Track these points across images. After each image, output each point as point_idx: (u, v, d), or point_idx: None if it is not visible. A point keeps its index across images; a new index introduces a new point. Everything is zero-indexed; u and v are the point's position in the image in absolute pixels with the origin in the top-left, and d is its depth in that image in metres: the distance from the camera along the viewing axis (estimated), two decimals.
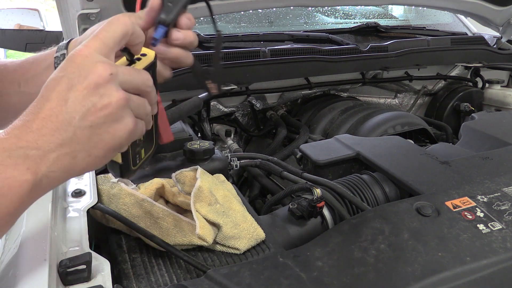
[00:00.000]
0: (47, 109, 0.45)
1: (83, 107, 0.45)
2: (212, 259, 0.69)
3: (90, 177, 0.78)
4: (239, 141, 1.71)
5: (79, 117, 0.45)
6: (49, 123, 0.45)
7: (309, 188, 0.85)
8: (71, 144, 0.46)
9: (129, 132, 0.49)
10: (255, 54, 1.56)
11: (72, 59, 0.47)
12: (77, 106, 0.45)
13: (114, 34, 0.49)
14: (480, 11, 1.74)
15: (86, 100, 0.46)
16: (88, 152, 0.47)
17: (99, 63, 0.47)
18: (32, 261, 0.53)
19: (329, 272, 0.62)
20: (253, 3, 1.42)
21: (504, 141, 1.12)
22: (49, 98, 0.46)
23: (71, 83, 0.46)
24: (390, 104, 1.93)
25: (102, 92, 0.46)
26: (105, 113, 0.46)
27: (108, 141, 0.48)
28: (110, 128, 0.47)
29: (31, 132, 0.44)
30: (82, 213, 0.68)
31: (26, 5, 9.17)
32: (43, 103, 0.46)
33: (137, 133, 0.51)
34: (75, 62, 0.46)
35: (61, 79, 0.46)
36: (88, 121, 0.46)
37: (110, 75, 0.46)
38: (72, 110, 0.45)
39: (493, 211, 0.75)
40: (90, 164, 0.48)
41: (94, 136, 0.47)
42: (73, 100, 0.45)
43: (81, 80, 0.46)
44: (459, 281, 0.61)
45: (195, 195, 0.73)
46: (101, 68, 0.46)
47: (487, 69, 1.90)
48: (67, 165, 0.46)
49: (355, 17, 2.39)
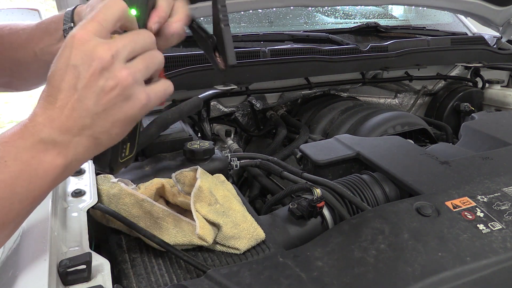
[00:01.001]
0: (60, 100, 0.48)
1: (93, 93, 0.48)
2: (212, 259, 0.69)
3: (90, 177, 0.78)
4: (239, 141, 1.71)
5: (92, 103, 0.48)
6: (66, 111, 0.48)
7: (309, 188, 0.85)
8: (92, 127, 0.49)
9: (142, 106, 0.51)
10: (255, 54, 1.56)
11: (72, 45, 0.48)
12: (88, 93, 0.48)
13: (112, 16, 0.50)
14: (480, 11, 1.74)
15: (94, 86, 0.48)
16: (108, 131, 0.50)
17: (99, 46, 0.48)
18: (32, 261, 0.53)
19: (329, 272, 0.62)
20: (253, 3, 1.42)
21: (504, 141, 1.12)
22: (60, 88, 0.48)
23: (77, 71, 0.48)
24: (390, 104, 1.93)
25: (107, 75, 0.48)
26: (115, 95, 0.49)
27: (124, 119, 0.50)
28: (123, 107, 0.50)
29: (53, 120, 0.47)
30: (82, 213, 0.68)
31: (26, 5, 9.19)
32: (55, 93, 0.48)
33: (151, 104, 0.53)
34: (76, 49, 0.48)
35: (66, 68, 0.48)
36: (101, 105, 0.48)
37: (112, 57, 0.48)
38: (84, 97, 0.48)
39: (493, 211, 0.75)
40: (112, 140, 0.52)
41: (110, 117, 0.49)
42: (83, 88, 0.48)
43: (86, 67, 0.47)
44: (459, 281, 0.61)
45: (195, 195, 0.73)
46: (101, 52, 0.48)
47: (487, 69, 1.90)
48: (91, 146, 0.50)
49: (355, 17, 2.39)
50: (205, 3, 1.31)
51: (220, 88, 1.39)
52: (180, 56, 1.46)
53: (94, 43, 0.48)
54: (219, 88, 1.39)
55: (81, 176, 0.79)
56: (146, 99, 0.51)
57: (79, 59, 0.48)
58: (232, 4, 1.37)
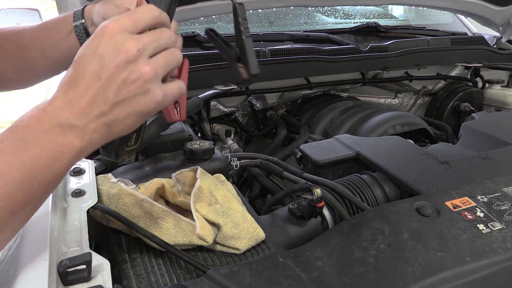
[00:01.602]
0: (83, 85, 0.50)
1: (115, 84, 0.51)
2: (212, 259, 0.69)
3: (90, 177, 0.78)
4: (239, 141, 1.71)
5: (113, 92, 0.51)
6: (86, 98, 0.50)
7: (309, 188, 0.85)
8: (108, 115, 0.51)
9: (157, 102, 0.54)
10: (255, 54, 1.56)
11: (102, 35, 0.51)
12: (110, 82, 0.50)
13: (146, 19, 0.53)
14: (480, 11, 1.74)
15: (117, 77, 0.50)
16: (122, 122, 0.53)
17: (128, 40, 0.51)
18: (32, 261, 0.53)
19: (329, 272, 0.62)
20: (253, 3, 1.42)
21: (504, 141, 1.12)
22: (83, 75, 0.50)
23: (103, 60, 0.50)
24: (390, 104, 1.93)
25: (131, 68, 0.51)
26: (135, 87, 0.51)
27: (139, 111, 0.53)
28: (140, 100, 0.52)
29: (72, 105, 0.50)
30: (82, 213, 0.68)
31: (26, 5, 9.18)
32: (78, 79, 0.51)
33: (165, 102, 0.55)
34: (106, 39, 0.51)
35: (93, 56, 0.51)
36: (120, 95, 0.51)
37: (138, 51, 0.51)
38: (106, 86, 0.50)
39: (493, 211, 0.75)
40: (123, 130, 0.55)
41: (127, 108, 0.52)
42: (106, 77, 0.50)
43: (112, 58, 0.50)
44: (459, 281, 0.61)
45: (195, 195, 0.73)
46: (129, 46, 0.50)
47: (487, 69, 1.90)
48: (104, 133, 0.52)
49: (355, 17, 2.39)
50: (205, 3, 1.32)
51: (220, 88, 1.39)
52: None
53: (123, 37, 0.51)
54: (219, 88, 1.39)
55: (81, 176, 0.79)
56: (162, 96, 0.54)
57: (107, 50, 0.50)
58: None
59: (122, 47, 0.50)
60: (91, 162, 0.83)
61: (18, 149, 0.47)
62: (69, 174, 0.79)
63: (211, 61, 1.48)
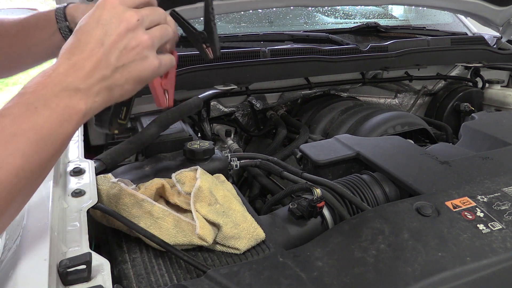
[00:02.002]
0: (87, 51, 0.54)
1: (117, 50, 0.55)
2: (212, 259, 0.69)
3: (90, 177, 0.78)
4: (239, 141, 1.71)
5: (115, 57, 0.55)
6: (90, 62, 0.54)
7: (309, 188, 0.85)
8: (109, 79, 0.56)
9: (154, 69, 0.59)
10: (255, 54, 1.56)
11: (103, 6, 0.56)
12: (112, 48, 0.55)
13: None
14: (480, 11, 1.74)
15: (119, 43, 0.55)
16: (122, 86, 0.57)
17: (127, 11, 0.56)
18: (32, 261, 0.52)
19: (329, 272, 0.62)
20: (253, 3, 1.42)
21: (504, 141, 1.12)
22: (87, 41, 0.55)
23: (105, 29, 0.55)
24: (390, 104, 1.93)
25: (131, 36, 0.56)
26: (134, 53, 0.56)
27: (137, 77, 0.58)
28: (139, 66, 0.57)
29: (77, 69, 0.53)
30: (82, 213, 0.68)
31: (26, 5, 9.18)
32: (83, 46, 0.55)
33: (161, 70, 0.61)
34: (107, 10, 0.56)
35: (96, 25, 0.55)
36: (121, 61, 0.56)
37: (137, 21, 0.56)
38: (108, 52, 0.55)
39: (493, 211, 0.75)
40: (122, 95, 0.59)
41: (126, 73, 0.57)
42: (109, 44, 0.55)
43: (114, 27, 0.55)
44: (459, 281, 0.61)
45: (195, 195, 0.73)
46: (129, 16, 0.56)
47: (487, 69, 1.90)
48: (105, 96, 0.56)
49: (355, 17, 2.39)
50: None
51: (220, 88, 1.39)
52: (180, 56, 1.46)
53: (123, 8, 0.56)
54: (219, 88, 1.39)
55: (81, 176, 0.79)
56: (158, 63, 0.59)
57: (109, 19, 0.55)
58: (232, 4, 1.37)
59: (123, 17, 0.55)
60: (91, 162, 0.83)
61: (29, 112, 0.49)
62: (69, 174, 0.79)
63: (211, 61, 1.48)
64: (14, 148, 0.47)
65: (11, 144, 0.47)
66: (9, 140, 0.47)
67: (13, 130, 0.48)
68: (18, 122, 0.49)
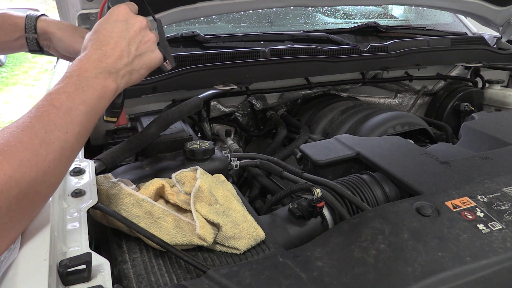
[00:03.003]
0: (112, 43, 0.70)
1: (135, 42, 0.73)
2: (212, 259, 0.69)
3: (90, 177, 0.78)
4: (239, 141, 1.71)
5: (134, 48, 0.73)
6: (116, 51, 0.70)
7: (309, 188, 0.85)
8: (130, 65, 0.72)
9: (160, 59, 0.78)
10: (255, 54, 1.56)
11: (117, 12, 0.74)
12: (132, 41, 0.73)
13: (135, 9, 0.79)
14: (480, 11, 1.74)
15: (136, 38, 0.74)
16: (138, 71, 0.74)
17: (138, 16, 0.76)
18: (32, 261, 0.52)
19: (329, 272, 0.62)
20: (253, 3, 1.42)
21: (504, 141, 1.12)
22: (111, 36, 0.71)
23: (125, 27, 0.73)
24: (390, 104, 1.93)
25: (143, 33, 0.75)
26: (147, 46, 0.75)
27: (148, 64, 0.76)
28: (149, 56, 0.76)
29: (107, 57, 0.69)
30: (82, 213, 0.68)
31: (26, 5, 9.19)
32: (108, 39, 0.70)
33: (161, 61, 0.80)
34: (122, 14, 0.74)
35: (115, 23, 0.72)
36: (138, 51, 0.74)
37: (146, 23, 0.77)
38: (129, 44, 0.72)
39: (493, 211, 0.75)
40: (138, 78, 0.75)
41: (141, 61, 0.74)
42: (129, 37, 0.73)
43: (131, 26, 0.74)
44: (459, 281, 0.61)
45: (195, 195, 0.73)
46: (141, 19, 0.76)
47: (487, 69, 1.90)
48: (127, 79, 0.72)
49: (355, 17, 2.39)
50: (205, 3, 1.32)
51: (220, 88, 1.39)
52: (180, 56, 1.46)
53: (133, 14, 0.76)
54: (219, 88, 1.39)
55: (81, 176, 0.79)
56: (161, 55, 0.79)
57: (125, 20, 0.73)
58: (232, 4, 1.37)
59: (136, 19, 0.75)
60: (91, 162, 0.83)
61: (78, 90, 0.62)
62: (69, 174, 0.79)
63: (211, 61, 1.48)
64: (74, 117, 0.60)
65: (70, 114, 0.59)
66: (68, 112, 0.59)
67: (69, 104, 0.60)
68: (72, 98, 0.61)
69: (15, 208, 0.51)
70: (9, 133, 0.53)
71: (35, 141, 0.53)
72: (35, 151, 0.53)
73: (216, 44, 1.71)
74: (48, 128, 0.56)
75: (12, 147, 0.51)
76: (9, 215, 0.50)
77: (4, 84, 7.77)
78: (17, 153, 0.51)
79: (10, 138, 0.52)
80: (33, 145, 0.53)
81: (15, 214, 0.51)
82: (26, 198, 0.52)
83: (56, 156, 0.55)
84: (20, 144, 0.52)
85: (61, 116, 0.58)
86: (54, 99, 0.59)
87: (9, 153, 0.50)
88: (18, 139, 0.53)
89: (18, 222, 0.53)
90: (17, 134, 0.53)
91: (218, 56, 1.51)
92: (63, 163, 0.58)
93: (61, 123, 0.58)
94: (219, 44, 1.71)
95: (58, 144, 0.56)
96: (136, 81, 0.75)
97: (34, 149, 0.53)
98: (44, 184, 0.54)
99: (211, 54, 1.51)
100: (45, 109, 0.58)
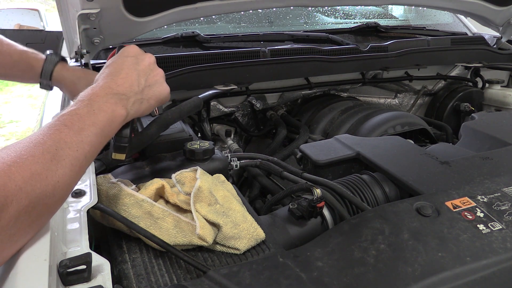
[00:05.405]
0: (124, 73, 0.74)
1: (145, 74, 0.77)
2: (212, 259, 0.69)
3: (90, 177, 0.78)
4: (239, 141, 1.71)
5: (144, 79, 0.76)
6: (128, 80, 0.73)
7: (309, 188, 0.85)
8: (140, 94, 0.75)
9: (168, 92, 0.82)
10: (255, 54, 1.56)
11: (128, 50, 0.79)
12: (142, 73, 0.77)
13: None
14: (480, 11, 1.74)
15: (145, 71, 0.78)
16: (148, 101, 0.77)
17: (147, 53, 0.81)
18: (32, 261, 0.52)
19: (329, 272, 0.62)
20: (253, 3, 1.42)
21: (504, 141, 1.12)
22: (122, 67, 0.75)
23: (135, 61, 0.77)
24: (390, 104, 1.93)
25: (152, 67, 0.80)
26: (156, 79, 0.79)
27: (157, 95, 0.79)
28: (159, 88, 0.79)
29: (119, 85, 0.72)
30: (82, 213, 0.68)
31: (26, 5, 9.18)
32: (119, 70, 0.74)
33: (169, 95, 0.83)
34: (131, 51, 0.79)
35: (126, 58, 0.77)
36: (148, 82, 0.77)
37: (154, 60, 0.81)
38: (139, 75, 0.76)
39: (493, 211, 0.75)
40: (147, 108, 0.77)
41: (150, 91, 0.77)
42: (139, 70, 0.76)
43: (140, 61, 0.78)
44: (459, 281, 0.61)
45: (195, 195, 0.73)
46: (149, 56, 0.81)
47: (487, 69, 1.90)
48: (137, 107, 0.75)
49: (355, 17, 2.39)
50: (205, 3, 1.31)
51: (220, 88, 1.39)
52: (180, 56, 1.46)
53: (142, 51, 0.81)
54: (219, 88, 1.39)
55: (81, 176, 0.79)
56: (169, 89, 0.82)
57: (136, 55, 0.78)
58: (232, 4, 1.37)
59: (146, 56, 0.80)
60: (91, 163, 0.83)
61: (90, 113, 0.65)
62: None
63: (211, 61, 1.48)
64: (84, 137, 0.62)
65: (81, 134, 0.62)
66: (79, 132, 0.62)
67: (80, 125, 0.63)
68: (83, 120, 0.63)
69: (24, 220, 0.52)
70: (21, 147, 0.55)
71: (47, 156, 0.55)
72: (46, 166, 0.55)
73: (216, 44, 1.71)
74: (59, 146, 0.58)
75: (24, 159, 0.53)
76: (17, 226, 0.51)
77: (4, 84, 7.77)
78: (29, 165, 0.53)
79: (22, 152, 0.54)
80: (44, 160, 0.55)
81: (23, 225, 0.52)
82: (35, 210, 0.53)
83: (66, 172, 0.57)
84: (32, 157, 0.54)
85: (72, 135, 0.61)
86: (66, 120, 0.62)
87: (21, 165, 0.52)
88: (30, 153, 0.55)
89: (25, 234, 0.54)
90: (30, 149, 0.55)
91: (218, 56, 1.51)
92: (72, 179, 0.59)
93: (72, 142, 0.60)
94: (219, 44, 1.71)
95: (68, 161, 0.58)
96: (146, 112, 0.77)
97: (45, 163, 0.55)
98: (53, 198, 0.55)
99: (211, 54, 1.51)
100: (57, 128, 0.60)
